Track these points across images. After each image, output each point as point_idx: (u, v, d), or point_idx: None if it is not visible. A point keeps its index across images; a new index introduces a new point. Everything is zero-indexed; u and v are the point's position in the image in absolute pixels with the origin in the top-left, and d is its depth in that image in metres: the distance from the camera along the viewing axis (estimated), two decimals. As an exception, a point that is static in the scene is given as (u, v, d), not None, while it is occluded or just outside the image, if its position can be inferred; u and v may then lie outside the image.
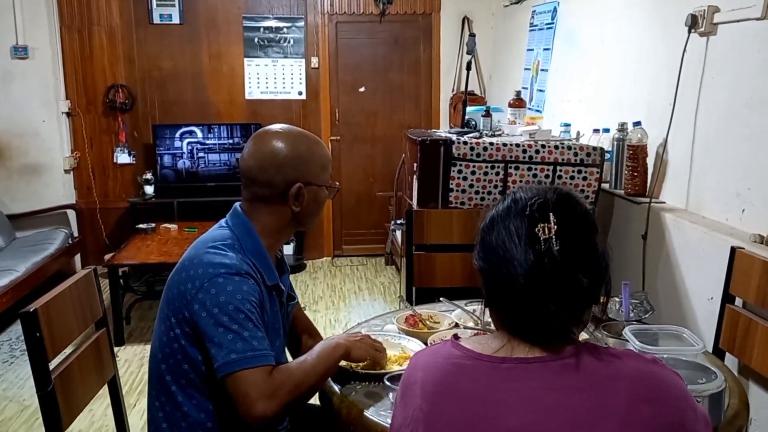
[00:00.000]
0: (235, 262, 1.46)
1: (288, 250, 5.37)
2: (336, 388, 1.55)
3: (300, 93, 5.43)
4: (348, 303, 4.63)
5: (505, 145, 2.94)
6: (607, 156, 3.04)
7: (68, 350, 1.69)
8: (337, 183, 1.68)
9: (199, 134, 5.23)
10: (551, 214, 0.99)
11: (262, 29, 5.32)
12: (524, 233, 0.99)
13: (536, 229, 0.98)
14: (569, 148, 2.95)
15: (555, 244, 0.97)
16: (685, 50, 2.57)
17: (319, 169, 1.58)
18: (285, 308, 1.67)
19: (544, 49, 4.18)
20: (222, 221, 1.60)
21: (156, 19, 5.20)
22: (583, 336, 1.75)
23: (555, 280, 0.97)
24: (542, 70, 4.20)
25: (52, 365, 1.54)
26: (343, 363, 1.57)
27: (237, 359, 1.36)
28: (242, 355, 1.37)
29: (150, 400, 1.57)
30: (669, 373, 0.99)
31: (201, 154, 5.24)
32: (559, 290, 0.97)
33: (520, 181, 2.93)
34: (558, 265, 0.96)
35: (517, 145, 2.94)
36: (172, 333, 1.49)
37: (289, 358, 1.70)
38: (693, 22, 2.51)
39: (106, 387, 1.85)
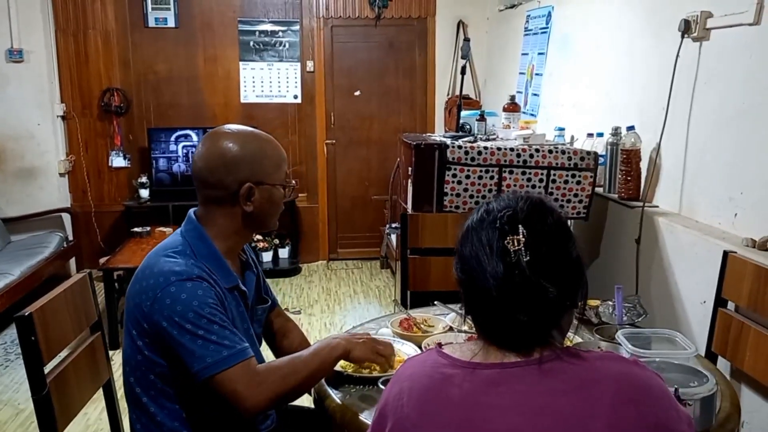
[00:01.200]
0: (185, 267, 1.44)
1: (283, 253, 5.37)
2: (330, 391, 1.55)
3: (295, 96, 5.43)
4: (343, 306, 4.63)
5: (499, 149, 2.95)
6: (601, 160, 3.06)
7: (63, 354, 1.69)
8: (294, 181, 1.65)
9: (195, 138, 5.23)
10: (520, 225, 1.00)
11: (257, 33, 5.32)
12: (495, 245, 1.00)
13: (506, 242, 1.00)
14: (563, 152, 2.96)
15: (524, 256, 0.98)
16: (678, 55, 2.59)
17: (272, 168, 1.54)
18: (254, 312, 1.65)
19: (539, 54, 4.20)
20: (178, 229, 1.58)
21: (151, 23, 5.20)
22: (577, 339, 1.77)
23: (524, 291, 0.98)
24: (537, 74, 4.22)
25: (47, 369, 1.54)
26: (338, 366, 1.56)
27: (214, 362, 1.37)
28: (218, 357, 1.37)
29: (128, 413, 1.57)
30: (650, 375, 1.01)
31: (196, 158, 5.23)
32: (528, 301, 0.99)
33: (515, 185, 2.94)
34: (527, 277, 0.98)
35: (512, 150, 2.95)
36: (134, 345, 1.48)
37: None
38: (686, 27, 2.53)
39: (101, 391, 1.85)
